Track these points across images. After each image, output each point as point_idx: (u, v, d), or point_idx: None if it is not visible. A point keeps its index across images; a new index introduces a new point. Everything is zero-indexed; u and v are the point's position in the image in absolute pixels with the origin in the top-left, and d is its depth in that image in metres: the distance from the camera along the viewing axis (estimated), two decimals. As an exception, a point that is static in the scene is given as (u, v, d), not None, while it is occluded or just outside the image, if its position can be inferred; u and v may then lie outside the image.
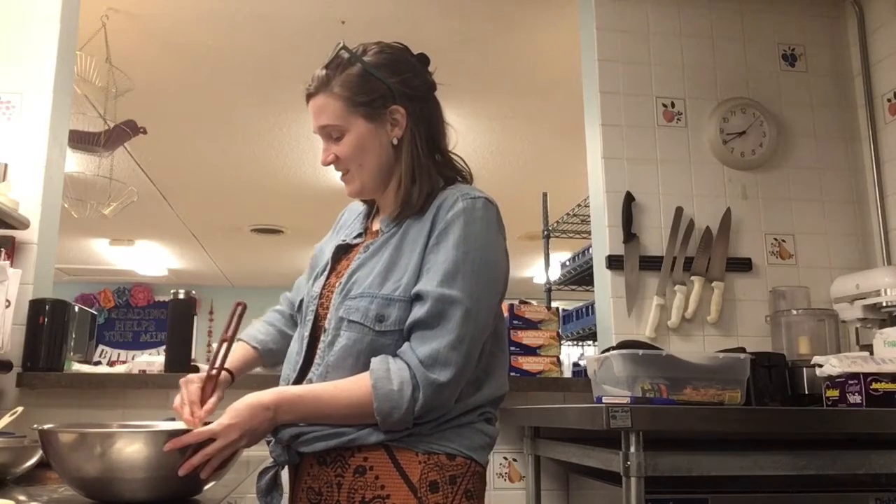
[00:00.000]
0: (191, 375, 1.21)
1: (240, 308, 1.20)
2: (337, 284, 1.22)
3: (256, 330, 1.42)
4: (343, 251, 1.30)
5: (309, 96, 1.24)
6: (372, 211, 1.35)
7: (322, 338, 1.19)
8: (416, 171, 1.22)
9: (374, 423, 1.11)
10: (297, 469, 1.20)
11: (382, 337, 1.14)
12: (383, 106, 1.22)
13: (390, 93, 1.22)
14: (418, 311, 1.13)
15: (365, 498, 1.12)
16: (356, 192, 1.28)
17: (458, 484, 1.14)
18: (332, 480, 1.14)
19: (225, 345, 1.19)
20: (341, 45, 1.23)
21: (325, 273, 1.28)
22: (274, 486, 1.19)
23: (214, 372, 1.19)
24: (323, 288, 1.26)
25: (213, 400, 1.18)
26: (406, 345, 1.13)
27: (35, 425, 1.05)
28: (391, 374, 1.10)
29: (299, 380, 1.22)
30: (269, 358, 1.40)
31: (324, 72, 1.22)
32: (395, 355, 1.13)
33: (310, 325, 1.24)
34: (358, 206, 1.40)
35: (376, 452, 1.13)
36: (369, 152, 1.23)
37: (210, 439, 1.03)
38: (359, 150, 1.22)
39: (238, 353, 1.36)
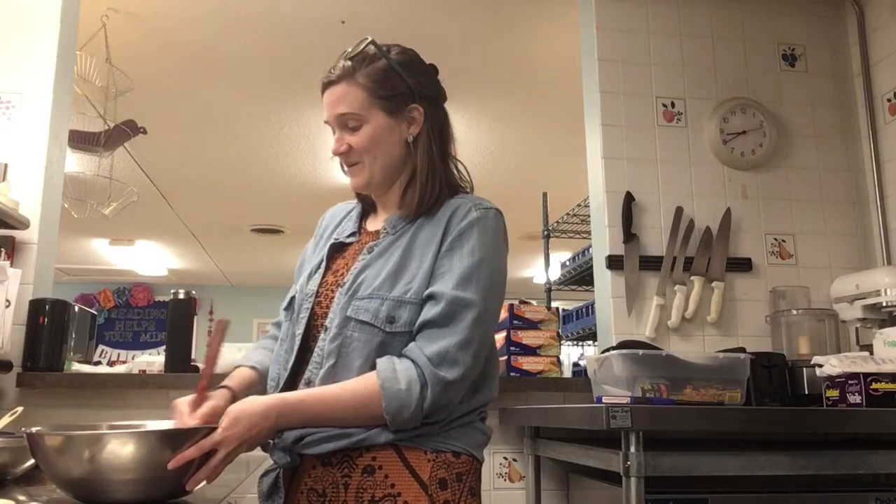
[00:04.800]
0: (177, 400, 1.16)
1: (223, 325, 1.19)
2: (337, 283, 1.22)
3: (253, 354, 1.39)
4: (337, 249, 1.30)
5: (328, 84, 1.24)
6: (363, 211, 1.35)
7: (321, 336, 1.19)
8: (431, 170, 1.24)
9: (380, 424, 1.11)
10: (295, 471, 1.19)
11: (392, 338, 1.14)
12: (403, 103, 1.24)
13: (411, 92, 1.24)
14: (430, 311, 1.13)
15: (374, 497, 1.11)
16: (363, 185, 1.27)
17: (464, 481, 1.16)
18: (338, 481, 1.13)
19: (210, 361, 1.16)
20: (369, 39, 1.25)
21: (321, 271, 1.27)
22: (275, 489, 1.19)
23: (200, 388, 1.15)
24: (319, 286, 1.25)
25: (203, 409, 1.13)
26: (413, 344, 1.14)
27: (23, 428, 1.05)
28: (398, 373, 1.10)
29: (291, 379, 1.21)
30: (267, 377, 1.34)
31: (349, 62, 1.23)
32: (400, 355, 1.13)
33: (304, 323, 1.23)
34: (341, 208, 1.41)
35: (385, 452, 1.13)
36: (384, 146, 1.23)
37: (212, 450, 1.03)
38: (374, 142, 1.23)
39: (238, 374, 1.32)
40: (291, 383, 1.21)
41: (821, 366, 1.94)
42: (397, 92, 1.23)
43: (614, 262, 2.43)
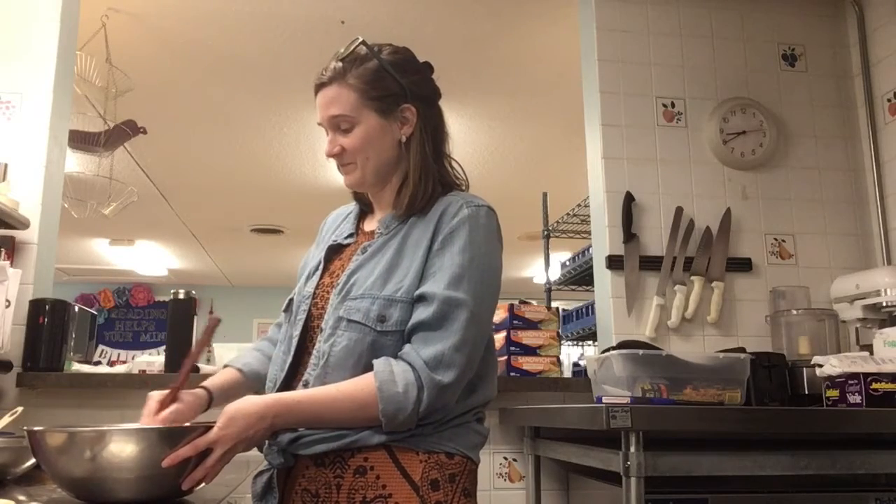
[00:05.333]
0: (152, 392, 1.18)
1: (214, 323, 1.20)
2: (332, 285, 1.22)
3: (242, 356, 1.40)
4: (334, 251, 1.30)
5: (321, 86, 1.24)
6: (362, 212, 1.36)
7: (319, 338, 1.19)
8: (424, 170, 1.24)
9: (376, 425, 1.11)
10: (290, 472, 1.19)
11: (383, 337, 1.14)
12: (395, 104, 1.23)
13: (403, 92, 1.24)
14: (423, 313, 1.13)
15: (366, 498, 1.11)
16: (356, 184, 1.27)
17: (457, 482, 1.15)
18: (330, 481, 1.13)
19: (190, 359, 1.17)
20: (360, 40, 1.24)
21: (318, 273, 1.28)
22: (269, 490, 1.18)
23: (175, 385, 1.16)
24: (316, 287, 1.25)
25: (164, 413, 1.14)
26: (408, 346, 1.13)
27: (24, 427, 1.05)
28: (395, 376, 1.10)
29: (288, 380, 1.21)
30: (254, 380, 1.35)
31: (340, 63, 1.23)
32: (396, 357, 1.13)
33: (301, 324, 1.23)
34: (342, 212, 1.41)
35: (377, 452, 1.13)
36: (377, 147, 1.23)
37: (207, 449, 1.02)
38: (367, 143, 1.22)
39: (221, 375, 1.33)
40: (288, 385, 1.21)
41: (821, 366, 1.94)
42: (389, 92, 1.23)
43: (614, 262, 2.43)
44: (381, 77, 1.22)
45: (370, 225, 1.31)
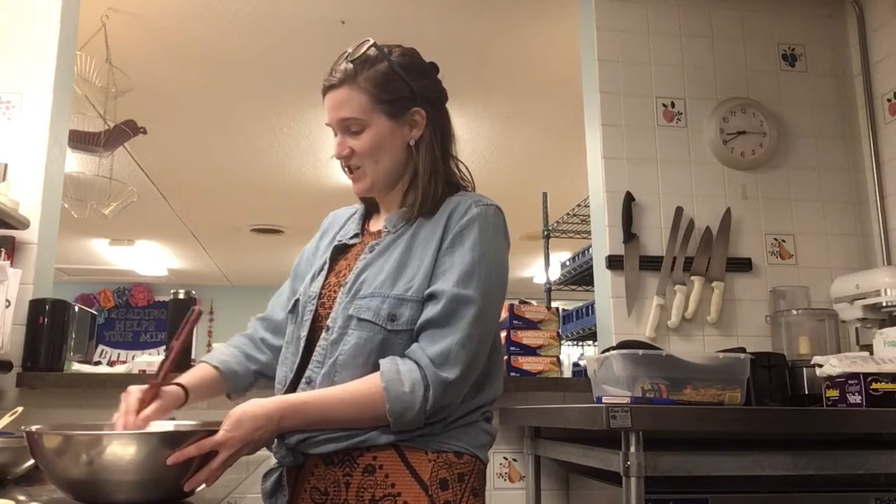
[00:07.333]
0: (131, 387, 1.15)
1: (194, 314, 1.18)
2: (339, 284, 1.22)
3: (220, 352, 1.37)
4: (339, 251, 1.31)
5: (330, 87, 1.23)
6: (367, 212, 1.36)
7: (323, 336, 1.19)
8: (433, 172, 1.24)
9: (383, 425, 1.11)
10: (300, 470, 1.19)
11: (394, 336, 1.14)
12: (405, 107, 1.23)
13: (413, 95, 1.24)
14: (431, 310, 1.13)
15: (375, 496, 1.12)
16: (365, 190, 1.27)
17: (466, 482, 1.15)
18: (339, 480, 1.14)
19: (172, 353, 1.14)
20: (371, 41, 1.24)
21: (324, 272, 1.28)
22: (279, 488, 1.19)
23: (157, 381, 1.14)
24: (322, 287, 1.26)
25: (147, 411, 1.12)
26: (415, 345, 1.14)
27: (23, 427, 1.04)
28: (402, 375, 1.10)
29: (297, 380, 1.21)
30: (232, 380, 1.32)
31: (350, 65, 1.22)
32: (402, 355, 1.13)
33: (307, 324, 1.23)
34: (344, 212, 1.41)
35: (386, 452, 1.13)
36: (387, 150, 1.23)
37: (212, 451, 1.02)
38: (377, 146, 1.22)
39: (197, 371, 1.30)
40: (297, 385, 1.21)
41: (821, 366, 1.94)
42: (400, 96, 1.23)
43: (614, 262, 2.43)
44: (391, 80, 1.22)
45: (376, 225, 1.31)
